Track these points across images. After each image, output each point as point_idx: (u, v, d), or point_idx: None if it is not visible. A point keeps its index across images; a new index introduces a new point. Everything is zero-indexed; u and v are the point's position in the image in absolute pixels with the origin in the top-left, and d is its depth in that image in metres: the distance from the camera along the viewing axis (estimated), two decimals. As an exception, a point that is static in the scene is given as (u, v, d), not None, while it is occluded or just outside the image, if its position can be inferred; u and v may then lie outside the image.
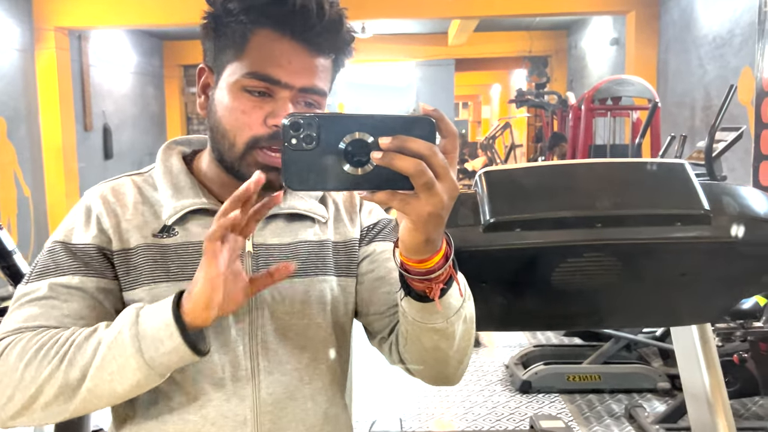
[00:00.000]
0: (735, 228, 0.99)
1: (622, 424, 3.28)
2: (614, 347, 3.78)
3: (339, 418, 0.98)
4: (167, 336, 0.79)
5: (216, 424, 0.89)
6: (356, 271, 0.99)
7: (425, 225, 0.71)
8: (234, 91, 0.87)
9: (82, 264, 0.88)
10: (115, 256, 0.90)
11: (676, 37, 7.27)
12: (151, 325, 0.80)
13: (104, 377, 0.80)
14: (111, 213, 0.92)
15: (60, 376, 0.80)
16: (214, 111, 0.90)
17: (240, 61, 0.87)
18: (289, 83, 0.86)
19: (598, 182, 0.99)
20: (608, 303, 1.16)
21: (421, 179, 0.67)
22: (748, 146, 4.91)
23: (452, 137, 0.71)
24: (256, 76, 0.86)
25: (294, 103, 0.87)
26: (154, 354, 0.79)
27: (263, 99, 0.87)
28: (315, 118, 0.68)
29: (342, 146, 0.68)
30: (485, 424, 3.33)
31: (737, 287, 1.17)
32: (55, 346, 0.81)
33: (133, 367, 0.79)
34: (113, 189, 0.95)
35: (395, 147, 0.67)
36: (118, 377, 0.80)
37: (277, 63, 0.86)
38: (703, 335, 1.38)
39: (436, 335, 0.86)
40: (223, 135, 0.89)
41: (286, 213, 0.96)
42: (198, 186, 0.94)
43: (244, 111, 0.87)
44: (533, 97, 8.77)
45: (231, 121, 0.88)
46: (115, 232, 0.91)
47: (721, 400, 1.40)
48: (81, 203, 0.95)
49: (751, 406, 3.38)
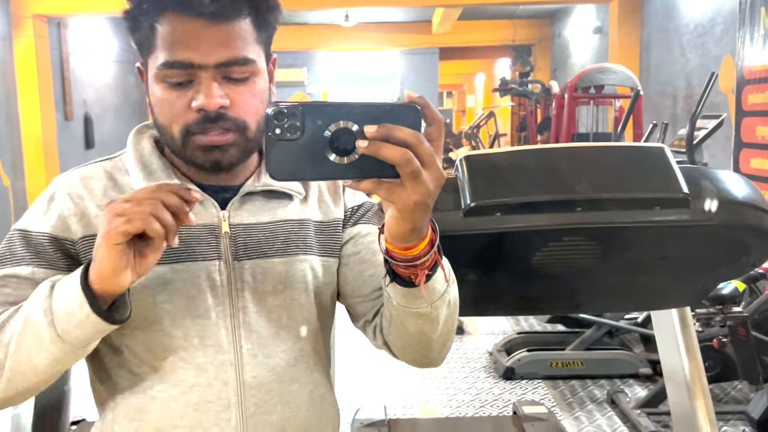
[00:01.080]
0: (713, 211, 0.99)
1: (604, 409, 3.32)
2: (596, 333, 3.81)
3: (325, 398, 0.98)
4: (77, 307, 0.76)
5: (199, 410, 0.88)
6: (339, 252, 0.99)
7: (411, 213, 0.71)
8: (158, 84, 0.86)
9: (34, 254, 0.87)
10: (81, 244, 0.88)
11: (658, 26, 7.31)
12: (62, 298, 0.78)
13: (23, 355, 0.79)
14: (77, 200, 0.90)
15: None
16: (152, 106, 0.89)
17: (155, 53, 0.85)
18: (202, 63, 0.83)
19: (578, 166, 0.99)
20: (588, 287, 1.16)
21: (408, 168, 0.67)
22: (729, 134, 4.96)
23: (437, 124, 0.71)
24: (169, 65, 0.84)
25: (219, 81, 0.84)
26: (65, 327, 0.77)
27: (185, 87, 0.85)
28: (299, 107, 0.67)
29: (327, 135, 0.67)
30: (469, 411, 3.34)
31: (716, 270, 1.18)
32: None
33: (47, 341, 0.78)
34: (81, 176, 0.93)
35: (381, 135, 0.66)
36: (35, 353, 0.79)
37: (186, 45, 0.83)
38: (683, 320, 1.39)
39: (421, 320, 0.86)
40: (162, 129, 0.89)
41: (262, 190, 0.94)
42: (170, 168, 0.93)
43: (171, 102, 0.86)
44: (517, 86, 8.79)
45: (164, 115, 0.87)
46: (80, 219, 0.89)
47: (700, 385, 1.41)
48: (46, 191, 0.93)
49: (730, 391, 3.42)
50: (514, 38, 11.93)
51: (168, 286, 0.88)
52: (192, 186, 0.91)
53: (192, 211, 0.90)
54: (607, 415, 3.25)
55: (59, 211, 0.89)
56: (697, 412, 1.40)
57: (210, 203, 0.92)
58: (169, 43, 0.84)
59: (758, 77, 4.54)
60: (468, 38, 11.97)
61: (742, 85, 4.75)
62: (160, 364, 0.88)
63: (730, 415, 3.12)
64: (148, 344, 0.89)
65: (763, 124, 4.50)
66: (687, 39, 6.50)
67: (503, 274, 1.07)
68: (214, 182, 0.93)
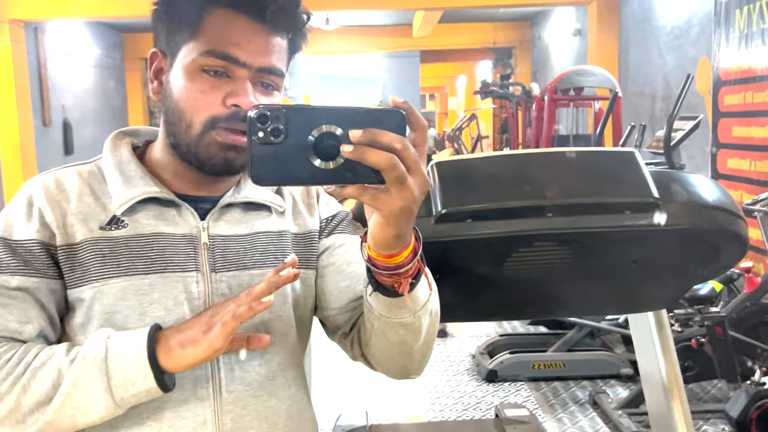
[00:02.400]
0: (683, 215, 1.00)
1: (586, 410, 3.33)
2: (578, 335, 3.83)
3: (303, 413, 0.97)
4: (140, 378, 0.79)
5: (174, 427, 0.86)
6: (316, 263, 0.98)
7: (396, 219, 0.70)
8: (191, 71, 0.85)
9: (22, 262, 0.84)
10: (59, 252, 0.86)
11: (635, 28, 7.38)
12: (122, 364, 0.79)
13: (66, 412, 0.79)
14: (54, 205, 0.87)
15: (10, 401, 0.78)
16: (170, 93, 0.87)
17: (196, 41, 0.85)
18: (247, 62, 0.84)
19: (549, 171, 0.99)
20: (562, 292, 1.16)
21: (393, 173, 0.66)
22: (707, 135, 5.01)
23: (422, 130, 0.70)
24: (215, 54, 0.84)
25: (253, 83, 0.86)
26: (124, 394, 0.79)
27: (221, 79, 0.85)
28: (282, 110, 0.66)
29: (311, 139, 0.66)
30: (452, 414, 3.34)
31: (688, 274, 1.18)
32: (6, 366, 0.79)
33: (100, 405, 0.79)
34: (56, 179, 0.90)
35: (366, 140, 0.65)
36: (82, 412, 0.79)
37: (235, 42, 0.84)
38: (659, 321, 1.39)
39: (403, 330, 0.85)
40: (179, 116, 0.86)
41: (242, 202, 0.93)
42: (149, 175, 0.91)
43: (202, 91, 0.84)
44: (498, 89, 8.83)
45: (188, 102, 0.85)
46: (59, 225, 0.86)
47: (676, 385, 1.42)
48: (21, 195, 0.90)
49: (710, 389, 3.45)
50: (494, 41, 11.99)
51: (145, 297, 0.86)
52: (172, 197, 0.90)
53: (170, 220, 0.89)
54: (590, 416, 3.27)
55: (41, 216, 0.86)
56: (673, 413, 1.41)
57: (189, 213, 0.90)
58: (218, 35, 0.84)
59: (734, 78, 4.60)
60: (449, 41, 12.02)
61: (718, 86, 4.81)
62: None
63: (710, 414, 3.15)
64: None
65: (740, 125, 4.56)
66: (664, 41, 6.57)
67: (476, 281, 1.07)
68: (193, 192, 0.92)
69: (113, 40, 10.86)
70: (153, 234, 0.88)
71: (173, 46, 0.87)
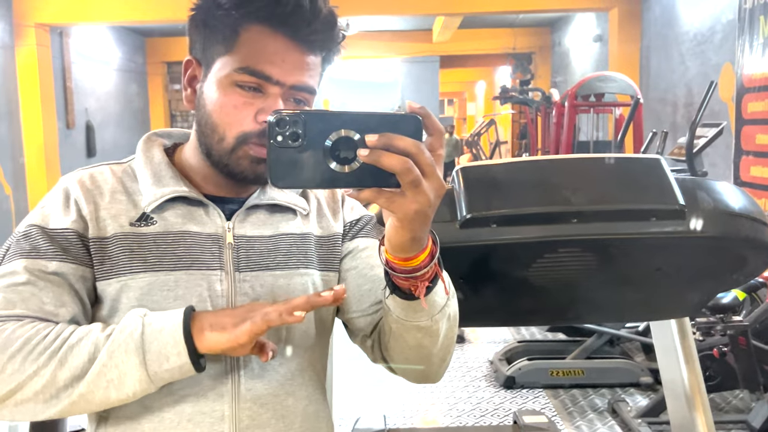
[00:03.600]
0: (709, 223, 0.99)
1: (605, 418, 3.31)
2: (597, 342, 3.80)
3: (319, 414, 0.98)
4: (175, 353, 0.79)
5: (192, 421, 0.87)
6: (339, 266, 0.99)
7: (411, 223, 0.71)
8: (224, 86, 0.86)
9: (59, 249, 0.86)
10: (91, 244, 0.88)
11: (658, 34, 7.32)
12: (158, 338, 0.79)
13: (101, 384, 0.79)
14: (89, 199, 0.90)
15: (47, 374, 0.79)
16: (203, 105, 0.89)
17: (231, 56, 0.86)
18: (281, 80, 0.86)
19: (574, 178, 0.99)
20: (585, 298, 1.16)
21: (408, 177, 0.67)
22: (729, 142, 4.96)
23: (438, 135, 0.71)
24: (249, 71, 0.85)
25: (284, 100, 0.87)
26: (157, 369, 0.79)
27: (254, 95, 0.86)
28: (301, 116, 0.67)
29: (328, 144, 0.67)
30: (469, 420, 3.33)
31: (712, 282, 1.17)
32: (44, 341, 0.80)
33: (134, 378, 0.80)
34: (92, 175, 0.93)
35: (382, 144, 0.67)
36: (116, 385, 0.80)
37: (269, 60, 0.85)
38: (681, 330, 1.38)
39: (420, 333, 0.85)
40: (212, 129, 0.88)
41: (267, 204, 0.95)
42: (179, 176, 0.93)
43: (235, 106, 0.86)
44: (517, 94, 8.79)
45: (221, 116, 0.87)
46: (93, 219, 0.89)
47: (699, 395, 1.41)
48: (58, 187, 0.92)
49: (732, 400, 3.41)
50: (514, 46, 11.96)
51: (170, 293, 0.88)
52: (200, 197, 0.92)
53: (198, 219, 0.91)
54: (608, 424, 3.24)
55: (78, 208, 0.89)
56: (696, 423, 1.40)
57: (216, 213, 0.92)
58: (252, 52, 0.85)
59: (758, 85, 4.55)
60: (468, 46, 12.01)
61: (741, 93, 4.76)
62: None
63: (731, 425, 3.10)
64: None
65: (763, 132, 4.51)
66: (687, 47, 6.52)
67: (499, 286, 1.07)
68: (221, 193, 0.94)
69: (135, 44, 10.99)
70: (180, 232, 0.90)
71: (208, 57, 0.89)
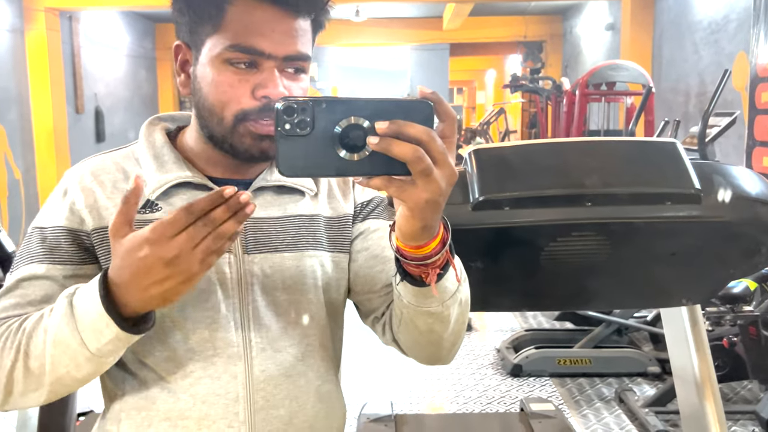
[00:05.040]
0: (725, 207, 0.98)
1: (612, 407, 3.30)
2: (605, 331, 3.79)
3: (332, 395, 0.98)
4: (104, 326, 0.76)
5: (207, 402, 0.88)
6: (349, 247, 0.98)
7: (422, 212, 0.70)
8: (217, 65, 0.85)
9: (48, 251, 0.87)
10: (93, 235, 0.88)
11: (671, 23, 7.25)
12: (86, 316, 0.77)
13: (61, 371, 0.79)
14: (87, 192, 0.90)
15: (21, 366, 0.80)
16: (198, 88, 0.88)
17: (220, 34, 0.85)
18: (273, 53, 0.84)
19: (588, 160, 0.98)
20: (598, 283, 1.15)
21: (419, 165, 0.66)
22: (742, 132, 4.91)
23: (450, 121, 0.69)
24: (239, 48, 0.84)
25: (281, 71, 0.85)
26: (98, 345, 0.77)
27: (248, 71, 0.85)
28: (309, 103, 0.66)
29: (337, 131, 0.66)
30: (476, 407, 3.34)
31: (727, 268, 1.16)
32: (11, 336, 0.81)
33: (82, 358, 0.78)
34: (92, 169, 0.93)
35: (392, 132, 0.65)
36: (74, 368, 0.79)
37: (259, 32, 0.84)
38: (693, 318, 1.37)
39: (431, 318, 0.85)
40: (210, 111, 0.87)
41: (274, 185, 0.94)
42: (182, 160, 0.92)
43: (231, 84, 0.84)
44: (528, 83, 8.74)
45: (217, 96, 0.85)
46: (91, 210, 0.89)
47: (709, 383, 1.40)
48: (59, 185, 0.93)
49: (740, 390, 3.40)
50: (525, 34, 11.87)
51: None
52: (206, 181, 0.91)
53: None
54: (615, 413, 3.24)
55: (71, 203, 0.89)
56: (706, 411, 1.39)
57: None
58: (241, 27, 0.83)
59: (772, 75, 4.49)
60: (479, 34, 11.92)
61: (755, 82, 4.70)
62: (169, 356, 0.88)
63: (739, 415, 3.10)
64: (157, 336, 0.88)
65: (777, 123, 4.46)
66: (700, 36, 6.45)
67: (511, 269, 1.06)
68: (226, 175, 0.93)
69: (145, 29, 10.97)
70: None
71: (197, 39, 0.87)
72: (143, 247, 0.72)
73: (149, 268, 0.72)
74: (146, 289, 0.74)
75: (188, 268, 0.72)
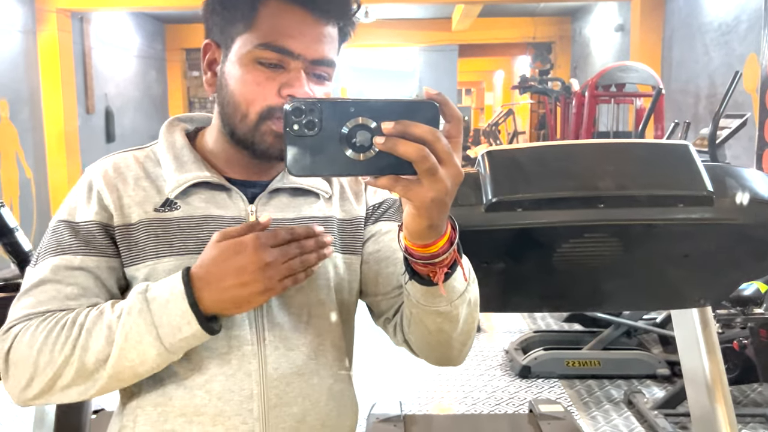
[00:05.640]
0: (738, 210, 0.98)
1: (621, 409, 3.30)
2: (614, 333, 3.78)
3: (344, 393, 0.99)
4: (185, 323, 0.81)
5: (222, 399, 0.89)
6: (361, 249, 0.99)
7: (428, 211, 0.71)
8: (246, 63, 0.87)
9: (83, 243, 0.89)
10: (116, 232, 0.90)
11: (681, 24, 7.22)
12: (164, 311, 0.81)
13: (124, 364, 0.82)
14: (112, 188, 0.92)
15: (75, 360, 0.82)
16: (225, 85, 0.89)
17: (251, 33, 0.86)
18: (302, 54, 0.86)
19: (601, 162, 0.99)
20: (610, 284, 1.16)
21: (424, 165, 0.67)
22: (753, 134, 4.89)
23: (456, 122, 0.70)
24: (270, 47, 0.86)
25: (306, 74, 0.87)
26: (172, 340, 0.82)
27: (276, 71, 0.87)
28: (317, 104, 0.67)
29: (344, 131, 0.67)
30: (484, 408, 3.34)
31: (738, 270, 1.16)
32: (64, 330, 0.83)
33: (153, 353, 0.82)
34: (114, 164, 0.95)
35: (398, 132, 0.66)
36: (139, 363, 0.82)
37: (289, 34, 0.86)
38: (704, 320, 1.37)
39: (440, 318, 0.86)
40: (235, 107, 0.88)
41: (289, 188, 0.96)
42: (201, 161, 0.94)
43: (258, 82, 0.86)
44: (536, 84, 8.72)
45: (244, 93, 0.87)
46: (117, 207, 0.91)
47: (720, 386, 1.40)
48: (83, 180, 0.95)
49: (750, 393, 3.38)
50: (534, 36, 11.84)
51: None
52: (223, 181, 0.93)
53: (221, 204, 0.91)
54: (624, 415, 3.23)
55: (100, 199, 0.91)
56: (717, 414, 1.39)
57: (239, 197, 0.93)
58: (272, 27, 0.86)
59: (783, 76, 4.47)
60: (488, 35, 11.90)
61: (766, 84, 4.68)
62: (185, 353, 0.89)
63: (749, 418, 3.08)
64: None
65: (788, 125, 4.43)
66: (710, 37, 6.42)
67: (524, 270, 1.06)
68: (243, 177, 0.95)
69: (155, 30, 11.03)
70: (203, 216, 0.91)
71: (227, 38, 0.89)
72: (244, 249, 0.80)
73: (242, 268, 0.80)
74: (227, 290, 0.81)
75: (272, 279, 0.80)
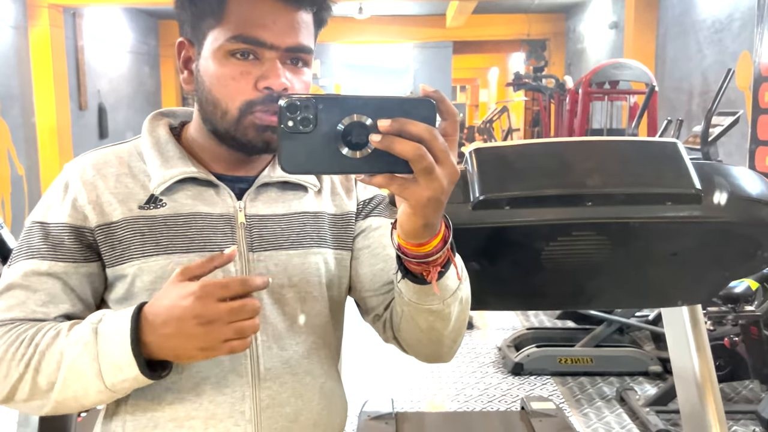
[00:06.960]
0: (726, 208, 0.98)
1: (613, 406, 3.30)
2: (606, 330, 3.79)
3: (334, 391, 0.98)
4: (126, 365, 0.77)
5: (214, 402, 0.87)
6: (352, 245, 0.98)
7: (424, 209, 0.70)
8: (219, 58, 0.85)
9: (51, 248, 0.87)
10: (97, 232, 0.88)
11: (675, 22, 7.23)
12: (110, 350, 0.78)
13: (69, 395, 0.80)
14: (90, 187, 0.89)
15: (29, 379, 0.80)
16: (202, 82, 0.88)
17: (221, 26, 0.85)
18: (275, 44, 0.84)
19: (589, 160, 0.98)
20: (598, 283, 1.15)
21: (421, 164, 0.66)
22: (745, 131, 4.91)
23: (452, 119, 0.70)
24: (241, 39, 0.84)
25: (282, 63, 0.86)
26: (114, 380, 0.78)
27: (251, 62, 0.85)
28: (312, 100, 0.66)
29: (340, 129, 0.66)
30: (477, 405, 3.34)
31: (728, 268, 1.16)
32: (21, 348, 0.81)
33: (94, 389, 0.79)
34: (93, 162, 0.92)
35: (395, 130, 0.65)
36: (82, 395, 0.80)
37: (260, 23, 0.84)
38: (693, 318, 1.37)
39: (432, 316, 0.85)
40: (214, 104, 0.87)
41: (278, 182, 0.94)
42: (187, 156, 0.92)
43: (233, 77, 0.85)
44: (531, 81, 8.73)
45: (221, 89, 0.86)
46: (94, 207, 0.88)
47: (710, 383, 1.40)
48: (59, 178, 0.92)
49: (741, 390, 3.40)
50: (528, 33, 11.85)
51: None
52: (210, 177, 0.91)
53: (208, 200, 0.90)
54: (616, 412, 3.24)
55: (74, 199, 0.88)
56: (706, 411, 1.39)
57: (226, 193, 0.91)
58: (242, 19, 0.84)
59: (776, 74, 4.48)
60: (482, 32, 11.90)
61: (759, 82, 4.69)
62: None
63: (740, 415, 3.09)
64: None
65: (780, 122, 4.44)
66: (704, 35, 6.43)
67: (512, 268, 1.06)
68: (230, 172, 0.93)
69: (148, 26, 10.98)
70: (191, 213, 0.89)
71: (199, 34, 0.88)
72: (189, 297, 0.74)
73: (183, 319, 0.74)
74: (168, 338, 0.76)
75: (214, 339, 0.74)
